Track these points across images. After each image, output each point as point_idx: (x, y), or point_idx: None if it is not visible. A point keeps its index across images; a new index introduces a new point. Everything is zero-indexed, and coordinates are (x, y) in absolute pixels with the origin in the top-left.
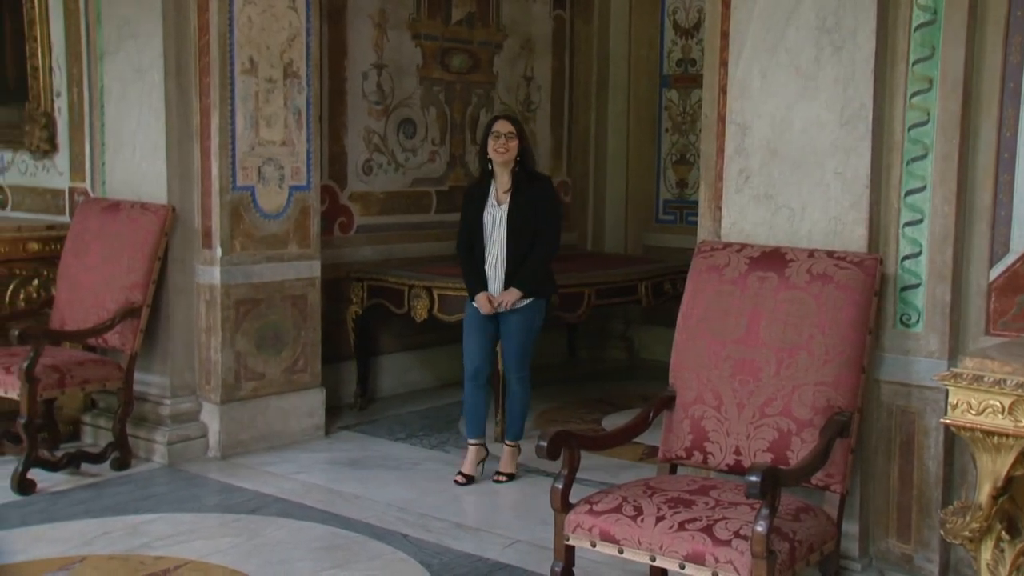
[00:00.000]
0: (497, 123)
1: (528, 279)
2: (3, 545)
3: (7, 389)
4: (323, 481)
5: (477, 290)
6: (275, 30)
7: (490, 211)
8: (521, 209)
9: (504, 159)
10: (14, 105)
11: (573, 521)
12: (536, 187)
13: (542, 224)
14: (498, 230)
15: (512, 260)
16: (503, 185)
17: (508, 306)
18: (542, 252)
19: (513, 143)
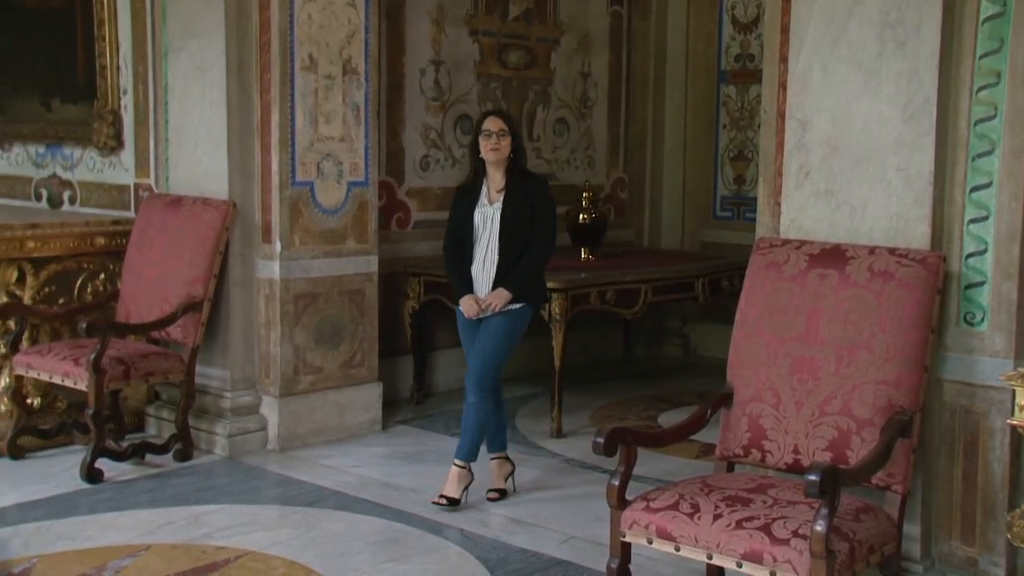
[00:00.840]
0: (488, 120)
1: (519, 281)
2: (74, 531)
3: (76, 380)
4: (380, 475)
5: (463, 292)
6: (334, 27)
7: (481, 210)
8: (515, 209)
9: (496, 158)
10: (84, 103)
11: (629, 518)
12: (532, 187)
13: (538, 226)
14: (489, 230)
15: (503, 262)
16: (496, 184)
17: (496, 308)
18: (536, 255)
19: (505, 141)
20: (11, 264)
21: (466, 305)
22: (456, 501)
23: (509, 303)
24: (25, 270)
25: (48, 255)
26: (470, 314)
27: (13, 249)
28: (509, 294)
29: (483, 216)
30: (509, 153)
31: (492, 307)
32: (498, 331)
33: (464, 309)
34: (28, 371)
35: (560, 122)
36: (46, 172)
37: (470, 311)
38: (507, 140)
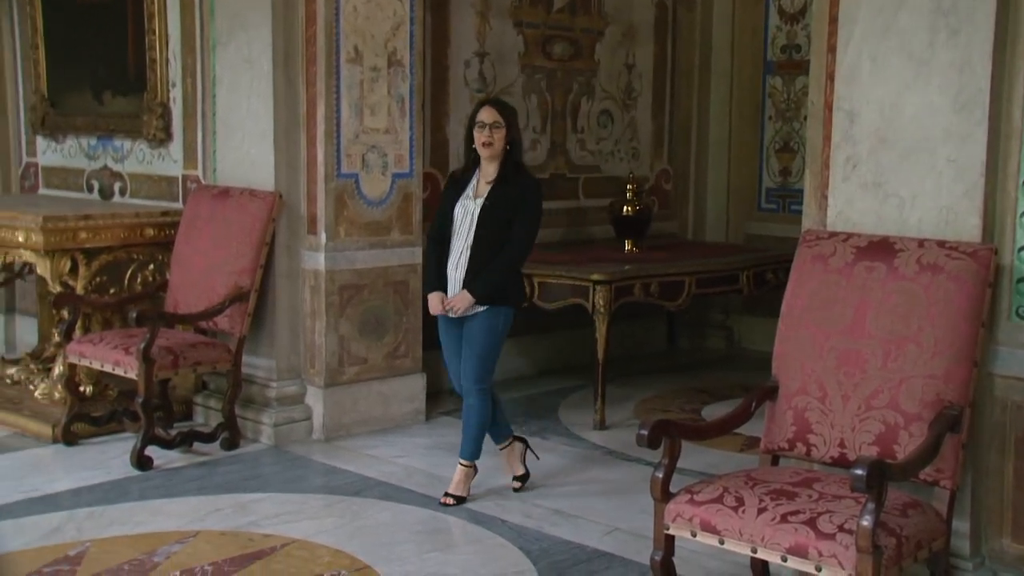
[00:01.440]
0: (483, 111)
1: (486, 284)
2: (125, 516)
3: (126, 369)
4: (424, 465)
5: (431, 288)
6: (380, 19)
7: (464, 203)
8: (497, 205)
9: (490, 152)
10: (134, 96)
11: (673, 510)
12: (520, 185)
13: (517, 227)
14: (468, 226)
15: (475, 261)
16: (488, 175)
17: (458, 312)
18: (508, 256)
19: (500, 133)
20: (65, 254)
21: (432, 302)
22: (464, 499)
23: (477, 305)
24: (78, 260)
25: (100, 246)
26: (434, 311)
27: (66, 240)
28: (471, 298)
29: (464, 210)
30: (504, 146)
31: (454, 310)
32: (481, 332)
33: (430, 306)
34: (81, 359)
35: (604, 113)
36: (98, 164)
37: (434, 309)
38: (501, 132)
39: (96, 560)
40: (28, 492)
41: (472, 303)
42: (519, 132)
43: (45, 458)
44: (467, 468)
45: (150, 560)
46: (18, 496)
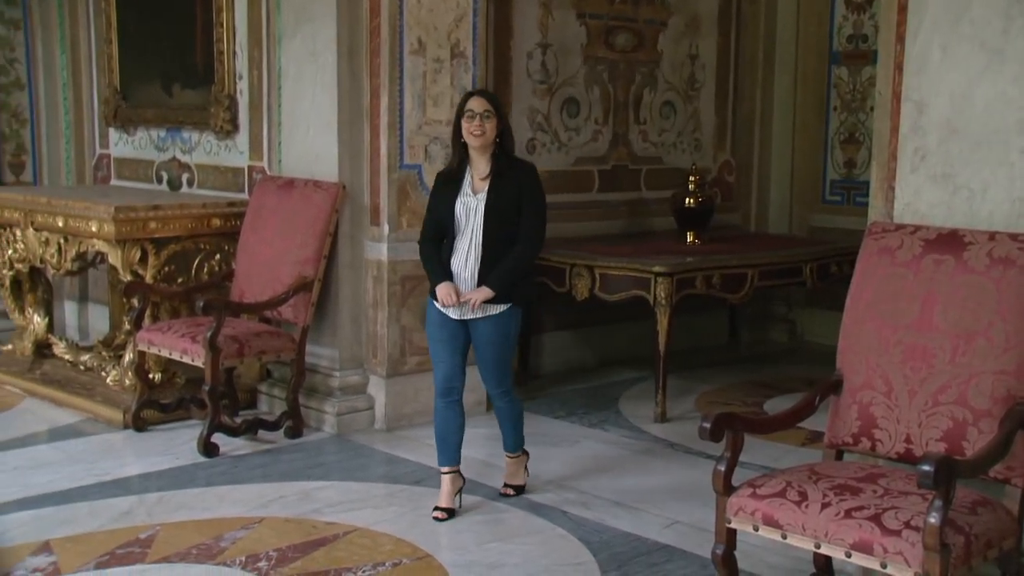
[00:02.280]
0: (471, 100)
1: (503, 278)
2: (192, 502)
3: (193, 357)
4: (484, 456)
5: (440, 278)
6: (443, 11)
7: (464, 200)
8: (502, 200)
9: (481, 142)
10: (202, 89)
11: (735, 504)
12: (519, 174)
13: (526, 218)
14: (472, 223)
15: (487, 258)
16: (480, 171)
17: (475, 306)
18: (523, 251)
19: (490, 123)
20: (135, 244)
21: (444, 291)
22: (523, 488)
23: (491, 303)
24: (148, 250)
25: (168, 236)
26: (447, 302)
27: (137, 230)
28: (491, 292)
29: (466, 207)
30: (495, 137)
31: (472, 304)
32: (494, 338)
33: (441, 296)
34: (149, 347)
35: (667, 105)
36: (167, 155)
37: (448, 299)
38: (492, 122)
39: (165, 543)
40: (100, 476)
41: (489, 296)
42: (508, 122)
43: (116, 443)
44: (515, 458)
45: (216, 545)
46: (91, 479)
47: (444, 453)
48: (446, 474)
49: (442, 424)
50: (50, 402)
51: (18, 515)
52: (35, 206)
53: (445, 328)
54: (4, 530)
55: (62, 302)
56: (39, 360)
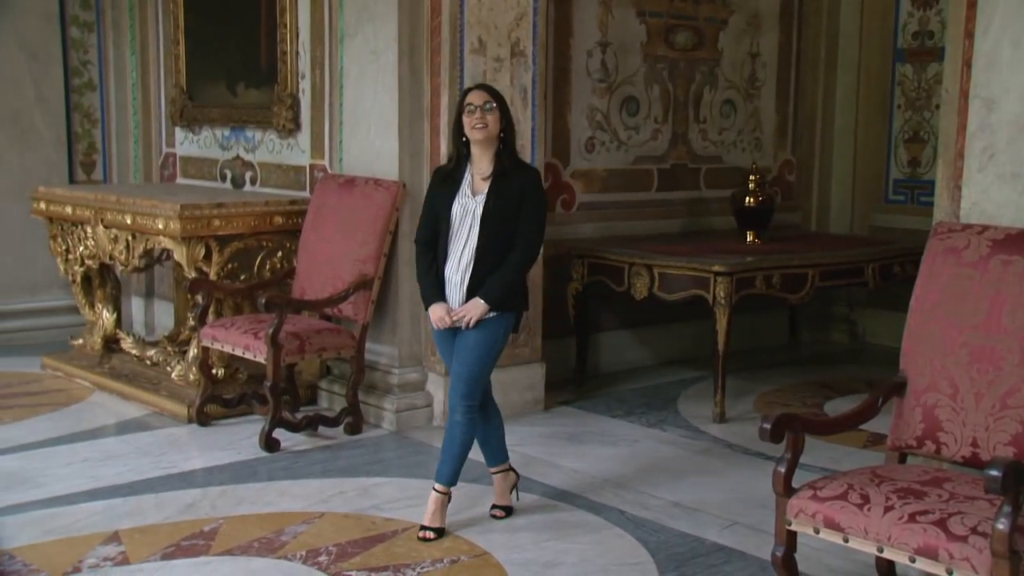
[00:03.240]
0: (472, 93)
1: (498, 289)
2: (254, 496)
3: (255, 353)
4: (542, 454)
5: (433, 299)
6: (503, 9)
7: (462, 201)
8: (501, 203)
9: (483, 136)
10: (265, 88)
11: (796, 506)
12: (523, 178)
13: (524, 225)
14: (468, 226)
15: (480, 265)
16: (482, 170)
17: (471, 323)
18: (519, 258)
19: (493, 116)
20: (199, 242)
21: (435, 315)
22: (443, 531)
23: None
24: (212, 247)
25: (231, 233)
26: (439, 326)
27: (201, 227)
28: (486, 306)
29: (463, 209)
30: (498, 132)
31: (467, 321)
32: (477, 344)
33: (433, 320)
34: (213, 343)
35: (727, 103)
36: (230, 154)
37: (440, 322)
38: (495, 116)
39: (228, 536)
40: (166, 469)
41: (487, 312)
42: (512, 118)
43: (181, 437)
44: (442, 495)
45: (278, 539)
46: (158, 472)
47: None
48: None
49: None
50: (118, 396)
51: (88, 505)
52: (105, 204)
53: (447, 340)
54: (75, 520)
55: (129, 298)
56: (108, 355)
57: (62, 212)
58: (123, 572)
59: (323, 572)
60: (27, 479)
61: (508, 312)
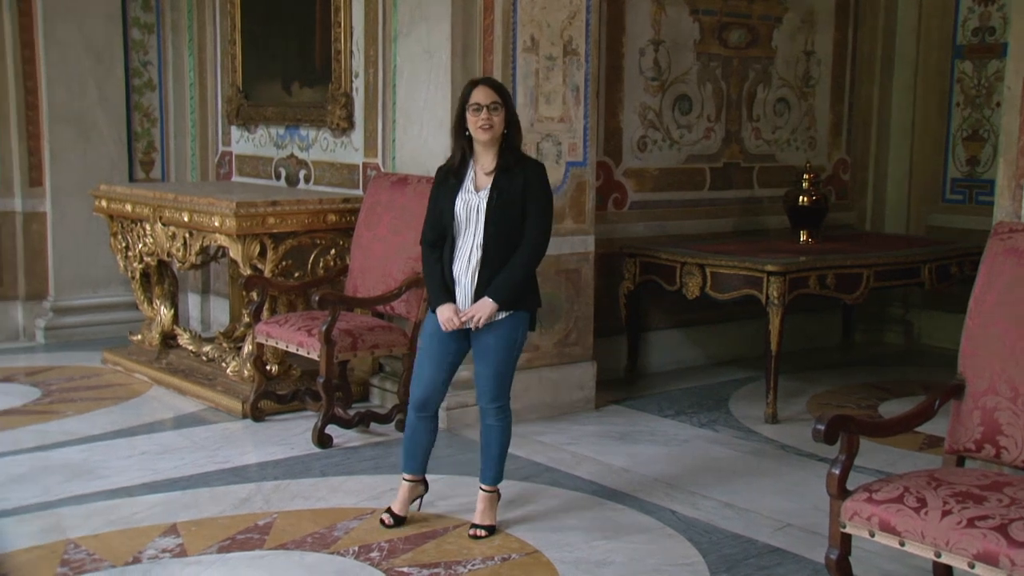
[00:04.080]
0: (476, 90)
1: (507, 288)
2: (308, 491)
3: (309, 350)
4: (593, 453)
5: (441, 300)
6: (556, 8)
7: (465, 198)
8: (505, 198)
9: (489, 136)
10: (320, 87)
11: (850, 508)
12: (526, 171)
13: (531, 220)
14: (474, 223)
15: (489, 262)
16: (485, 165)
17: (481, 324)
18: (529, 256)
19: (499, 116)
20: (254, 239)
21: (444, 316)
22: (494, 528)
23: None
24: (266, 245)
25: (286, 231)
26: (449, 327)
27: (256, 225)
28: (495, 305)
29: (467, 206)
30: (504, 129)
31: (476, 322)
32: (498, 347)
33: (442, 321)
34: (267, 340)
35: (781, 102)
36: (285, 152)
37: (448, 324)
38: (500, 115)
39: (282, 531)
40: (221, 463)
41: (496, 311)
42: (516, 114)
43: (235, 432)
44: (491, 494)
45: (330, 534)
46: (213, 466)
47: (411, 460)
48: (408, 481)
49: (411, 437)
50: (175, 391)
51: (147, 497)
52: (163, 202)
53: (442, 343)
54: (135, 511)
55: (186, 294)
56: (165, 350)
57: (122, 210)
58: (181, 564)
59: (375, 568)
60: (89, 470)
61: (521, 311)
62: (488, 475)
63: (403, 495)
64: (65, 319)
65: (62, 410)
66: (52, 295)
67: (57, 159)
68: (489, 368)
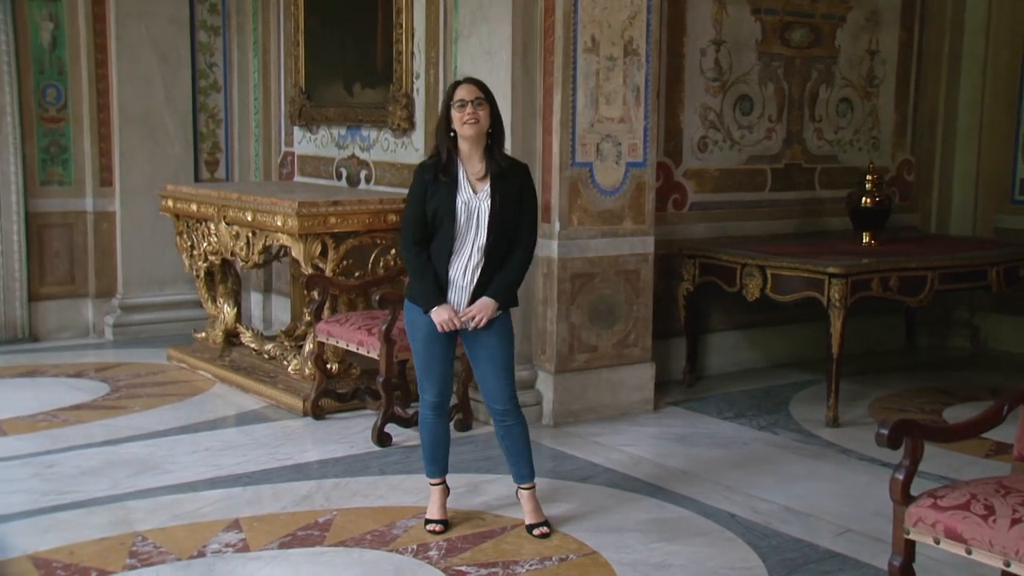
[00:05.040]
0: (460, 89)
1: (506, 289)
2: (367, 489)
3: (369, 349)
4: (651, 455)
5: (436, 301)
6: (617, 8)
7: (464, 199)
8: (506, 201)
9: (475, 131)
10: (381, 88)
11: (915, 514)
12: (518, 174)
13: (526, 221)
14: (475, 226)
15: (491, 264)
16: (475, 170)
17: (482, 323)
18: (525, 257)
19: (483, 111)
20: (316, 239)
21: (442, 318)
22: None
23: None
24: (328, 244)
25: (347, 230)
26: (448, 327)
27: (318, 225)
28: (495, 306)
29: (467, 207)
30: (488, 128)
31: (479, 321)
32: (503, 345)
33: (440, 322)
34: (328, 338)
35: (844, 102)
36: (346, 152)
37: (447, 324)
38: (485, 111)
39: (342, 528)
40: (283, 460)
41: (495, 311)
42: (500, 113)
43: (296, 429)
44: (532, 490)
45: (389, 532)
46: (275, 463)
47: (436, 464)
48: (436, 485)
49: (433, 440)
50: (238, 388)
51: (210, 493)
52: (227, 202)
53: (439, 340)
54: (199, 506)
55: (248, 293)
56: (228, 348)
57: (187, 209)
58: (243, 559)
59: (433, 566)
60: (155, 465)
61: (509, 309)
62: (525, 473)
63: (438, 500)
64: (132, 316)
65: (129, 405)
66: (120, 293)
67: (126, 160)
68: (498, 368)
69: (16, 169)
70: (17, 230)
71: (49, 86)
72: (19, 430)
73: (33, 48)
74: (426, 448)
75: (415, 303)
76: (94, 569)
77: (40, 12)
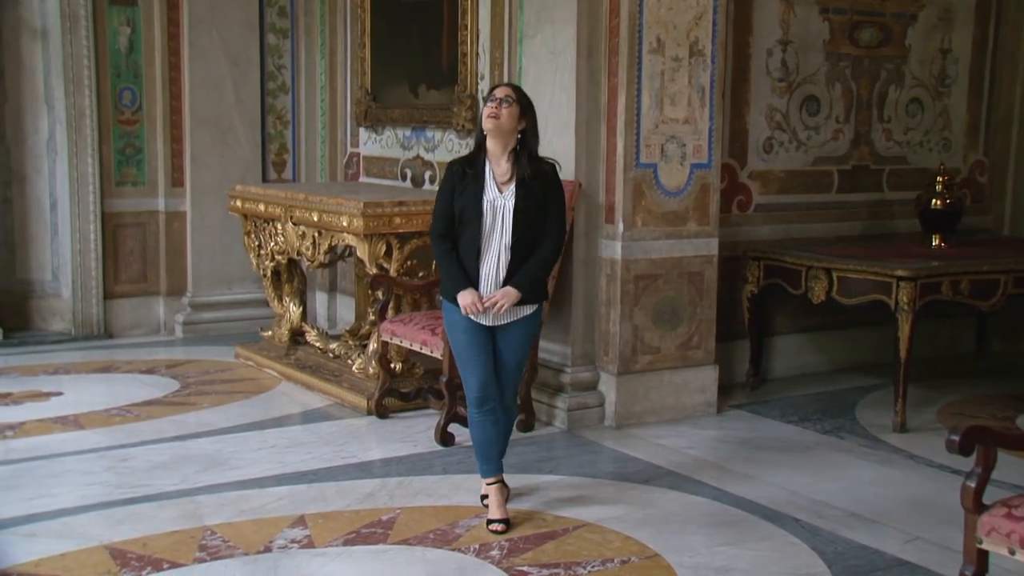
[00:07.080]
0: (497, 88)
1: (531, 280)
2: (430, 488)
3: (432, 349)
4: (714, 458)
5: (462, 285)
6: (682, 9)
7: (489, 198)
8: (531, 199)
9: (492, 127)
10: (446, 89)
11: (987, 524)
12: (545, 173)
13: (552, 217)
14: (501, 223)
15: (517, 260)
16: (501, 171)
17: (503, 310)
18: (553, 252)
19: (508, 111)
20: (381, 239)
21: (468, 301)
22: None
23: (520, 303)
24: (392, 244)
25: (411, 231)
26: (472, 311)
27: (383, 225)
28: (518, 294)
29: (492, 206)
30: (516, 132)
31: (500, 307)
32: (524, 342)
33: (465, 304)
34: (392, 338)
35: (914, 102)
36: (411, 153)
37: (472, 308)
38: (511, 109)
39: (405, 527)
40: (347, 458)
41: (517, 299)
42: (535, 121)
43: (360, 428)
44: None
45: (452, 531)
46: (340, 461)
47: (488, 463)
48: (492, 484)
49: (481, 435)
50: (303, 386)
51: (276, 489)
52: (294, 202)
53: (477, 336)
54: (265, 502)
55: (314, 293)
56: (293, 347)
57: (255, 209)
58: (309, 555)
59: (495, 566)
60: (223, 461)
61: (539, 304)
62: (501, 465)
63: (497, 500)
64: (202, 314)
65: (198, 402)
66: (190, 291)
67: (197, 161)
68: (513, 364)
69: (93, 170)
70: (94, 230)
71: (125, 89)
72: (95, 424)
73: (111, 52)
74: (477, 446)
75: (447, 298)
76: (166, 561)
77: (119, 17)
